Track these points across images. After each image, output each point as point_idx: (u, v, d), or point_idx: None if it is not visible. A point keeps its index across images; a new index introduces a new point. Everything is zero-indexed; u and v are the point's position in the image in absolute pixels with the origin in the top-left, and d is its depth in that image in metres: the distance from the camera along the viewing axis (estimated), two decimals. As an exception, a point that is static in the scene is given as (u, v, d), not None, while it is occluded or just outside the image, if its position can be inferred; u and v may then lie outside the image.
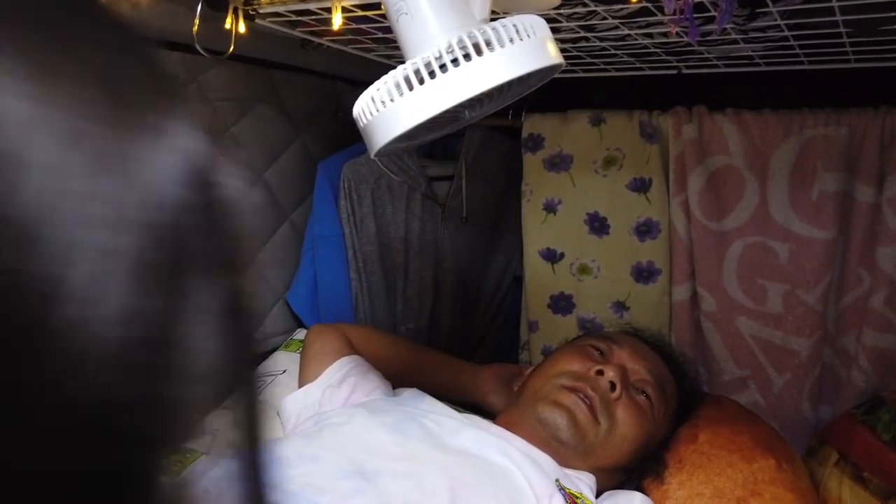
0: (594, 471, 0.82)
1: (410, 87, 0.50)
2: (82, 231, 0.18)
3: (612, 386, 0.84)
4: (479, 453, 0.77)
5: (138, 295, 0.19)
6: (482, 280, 1.56)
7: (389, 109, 0.51)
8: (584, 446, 0.81)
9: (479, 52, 0.47)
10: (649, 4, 0.72)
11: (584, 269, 1.27)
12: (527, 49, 0.48)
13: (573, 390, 0.83)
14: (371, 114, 0.54)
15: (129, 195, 0.20)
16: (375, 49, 1.06)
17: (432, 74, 0.50)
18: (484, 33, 0.48)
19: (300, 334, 1.36)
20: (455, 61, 0.48)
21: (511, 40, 0.48)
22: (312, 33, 0.98)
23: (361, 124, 0.60)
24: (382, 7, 0.74)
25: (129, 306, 0.19)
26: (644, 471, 0.89)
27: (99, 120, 0.19)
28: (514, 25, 0.48)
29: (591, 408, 0.82)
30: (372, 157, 0.63)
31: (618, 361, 0.89)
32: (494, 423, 0.90)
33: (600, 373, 0.85)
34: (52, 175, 0.18)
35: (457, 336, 1.54)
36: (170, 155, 0.22)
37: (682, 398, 0.94)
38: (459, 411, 0.90)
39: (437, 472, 0.71)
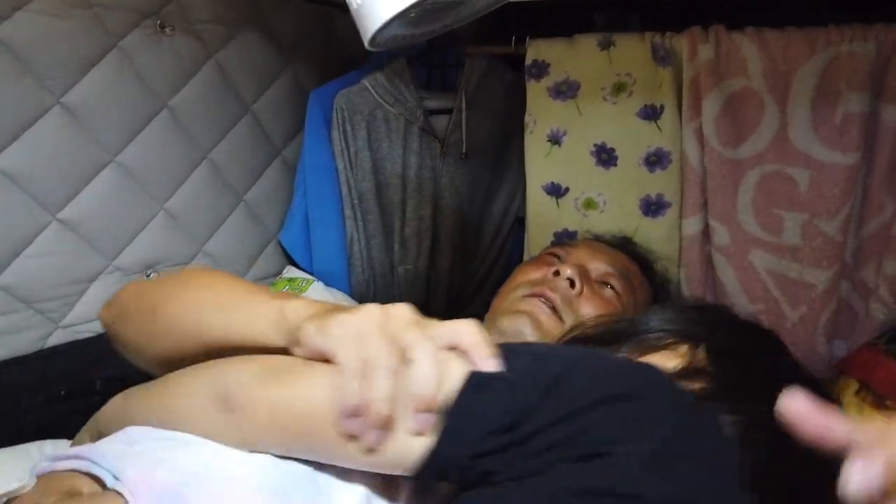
0: None
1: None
2: None
3: (572, 283, 0.81)
4: None
5: None
6: (483, 220, 1.50)
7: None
8: None
9: None
10: None
11: (589, 204, 1.21)
12: None
13: (531, 296, 0.81)
14: None
15: None
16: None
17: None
18: None
19: (290, 272, 1.31)
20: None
21: None
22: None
23: (354, 6, 0.54)
24: None
25: None
26: None
27: None
28: None
29: (552, 308, 0.79)
30: (367, 46, 0.57)
31: (575, 261, 0.87)
32: None
33: (557, 273, 0.82)
34: None
35: (456, 279, 1.49)
36: None
37: (655, 290, 0.93)
38: None
39: None
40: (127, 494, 0.43)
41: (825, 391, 0.54)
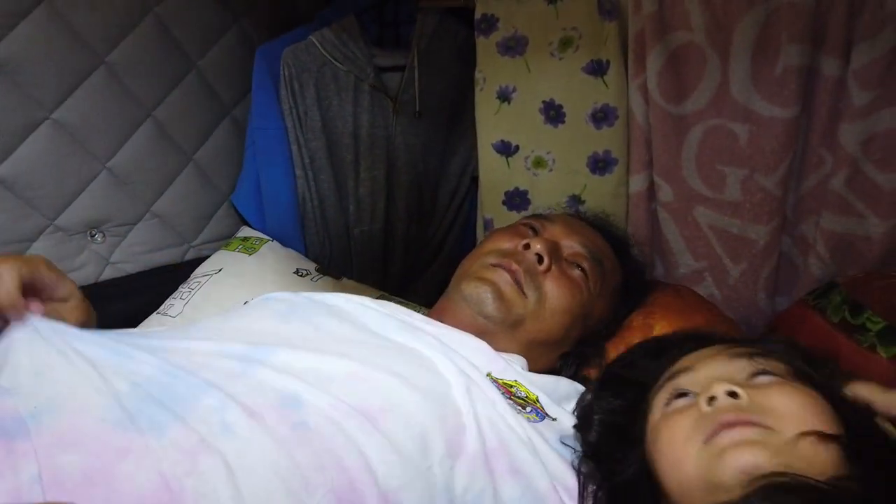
0: (525, 349, 0.79)
1: None
2: None
3: (540, 259, 0.80)
4: (392, 337, 0.71)
5: None
6: (439, 180, 1.49)
7: None
8: (510, 320, 0.78)
9: None
10: None
11: (539, 162, 1.21)
12: None
13: (497, 266, 0.80)
14: None
15: None
16: None
17: None
18: None
19: (244, 232, 1.30)
20: None
21: None
22: None
23: None
24: None
25: None
26: (583, 356, 0.86)
27: None
28: None
29: (516, 280, 0.79)
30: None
31: (548, 236, 0.85)
32: (428, 314, 0.86)
33: (527, 247, 0.81)
34: None
35: (413, 240, 1.48)
36: None
37: (626, 277, 0.91)
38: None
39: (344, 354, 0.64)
40: None
41: None
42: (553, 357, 0.83)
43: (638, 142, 1.10)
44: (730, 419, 0.53)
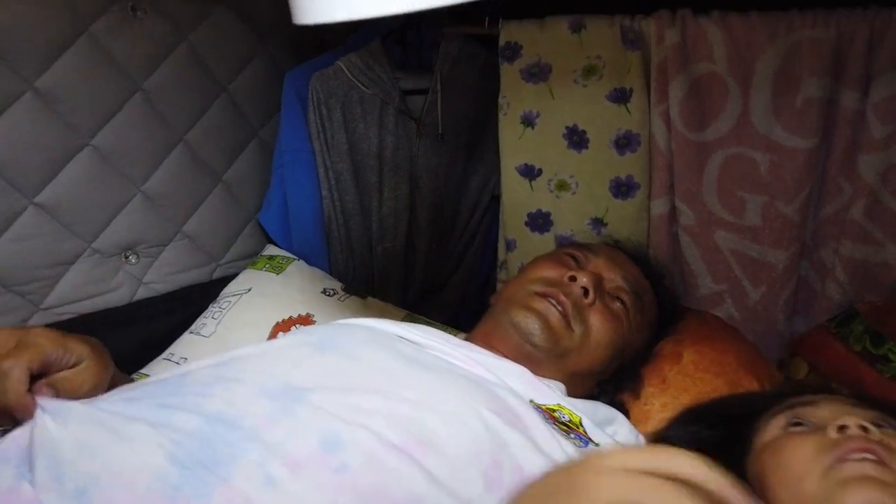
0: (567, 377, 0.81)
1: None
2: None
3: (585, 292, 0.82)
4: (429, 365, 0.71)
5: None
6: (460, 199, 1.52)
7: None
8: (557, 351, 0.80)
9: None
10: None
11: (562, 185, 1.24)
12: None
13: (545, 296, 0.82)
14: None
15: None
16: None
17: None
18: None
19: (270, 250, 1.33)
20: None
21: None
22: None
23: None
24: None
25: None
26: (619, 384, 0.88)
27: None
28: None
29: (563, 313, 0.81)
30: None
31: (593, 269, 0.87)
32: (468, 337, 0.89)
33: (573, 279, 0.83)
34: None
35: (433, 256, 1.51)
36: None
37: (661, 308, 0.93)
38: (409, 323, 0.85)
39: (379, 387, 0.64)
40: None
41: None
42: (591, 385, 0.86)
43: (660, 167, 1.13)
44: (860, 445, 0.55)
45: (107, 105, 1.06)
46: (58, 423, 0.55)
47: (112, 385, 0.67)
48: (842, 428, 0.57)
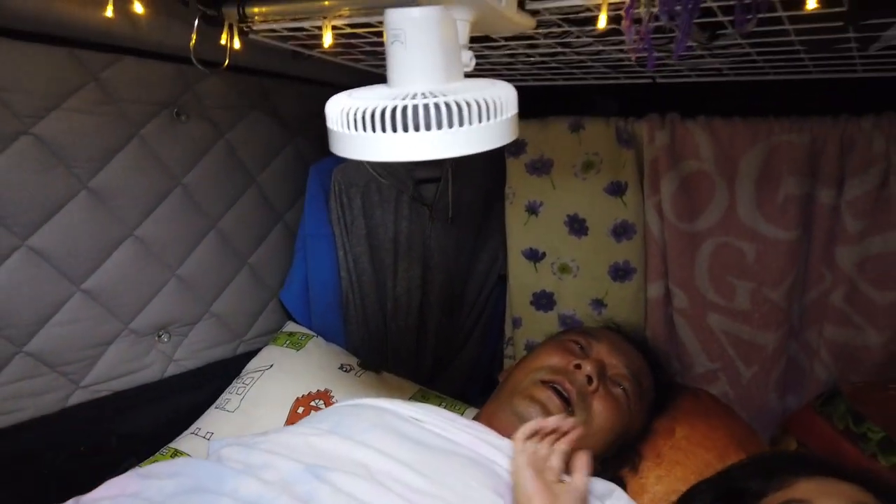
0: (569, 458, 0.88)
1: (374, 129, 0.53)
2: None
3: (590, 380, 0.88)
4: (435, 447, 0.78)
5: None
6: (468, 278, 1.61)
7: (353, 135, 0.55)
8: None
9: (450, 120, 0.51)
10: (618, 26, 0.78)
11: (564, 269, 1.33)
12: (492, 129, 0.52)
13: (550, 384, 0.88)
14: (339, 126, 0.57)
15: None
16: (364, 60, 1.11)
17: (403, 122, 0.52)
18: (460, 99, 0.51)
19: (289, 327, 1.41)
20: (427, 108, 0.51)
21: (480, 118, 0.51)
22: (304, 46, 1.02)
23: (331, 129, 0.64)
24: (378, 25, 0.79)
25: None
26: (620, 461, 0.95)
27: None
28: (489, 103, 0.51)
29: (566, 402, 0.87)
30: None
31: (596, 356, 0.93)
32: (477, 416, 0.96)
33: (578, 367, 0.89)
34: None
35: (443, 332, 1.59)
36: None
37: (658, 391, 1.00)
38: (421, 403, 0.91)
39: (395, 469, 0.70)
40: None
41: None
42: (594, 464, 0.92)
43: (654, 254, 1.22)
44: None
45: (150, 199, 1.16)
46: None
47: None
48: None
